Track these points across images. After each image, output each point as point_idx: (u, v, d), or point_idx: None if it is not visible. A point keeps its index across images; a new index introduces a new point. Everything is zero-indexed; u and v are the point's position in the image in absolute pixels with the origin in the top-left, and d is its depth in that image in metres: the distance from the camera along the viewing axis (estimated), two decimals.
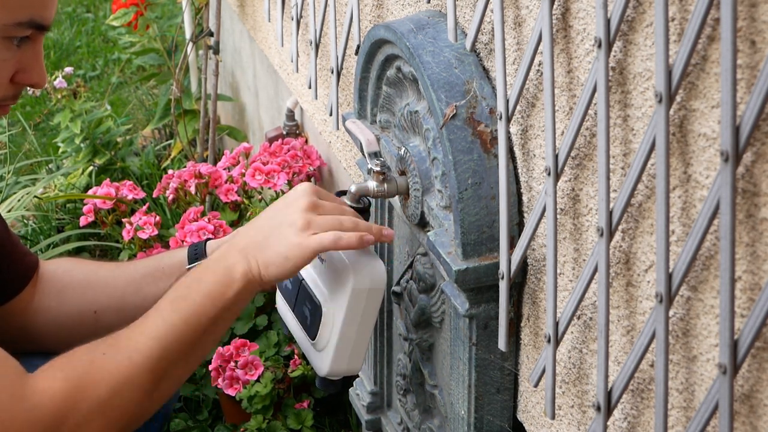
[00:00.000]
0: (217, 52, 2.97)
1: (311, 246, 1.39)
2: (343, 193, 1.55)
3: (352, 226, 1.42)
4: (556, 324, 1.33)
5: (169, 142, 3.56)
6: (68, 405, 1.29)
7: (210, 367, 2.23)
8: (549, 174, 1.28)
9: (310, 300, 1.51)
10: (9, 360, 1.31)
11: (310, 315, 1.52)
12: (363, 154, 1.66)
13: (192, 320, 1.36)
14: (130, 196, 2.66)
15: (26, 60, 1.34)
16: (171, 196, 2.56)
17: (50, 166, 3.58)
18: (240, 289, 1.39)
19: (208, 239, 1.61)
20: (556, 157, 1.28)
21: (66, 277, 1.62)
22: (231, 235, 1.53)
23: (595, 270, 1.23)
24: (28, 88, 1.37)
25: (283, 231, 1.40)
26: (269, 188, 2.46)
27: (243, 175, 2.49)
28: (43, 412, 1.28)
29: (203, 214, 2.44)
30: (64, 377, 1.31)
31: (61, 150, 3.43)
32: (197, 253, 1.57)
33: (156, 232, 2.48)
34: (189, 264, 1.56)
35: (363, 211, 1.53)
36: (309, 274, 1.54)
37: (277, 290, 1.64)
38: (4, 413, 1.26)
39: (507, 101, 1.37)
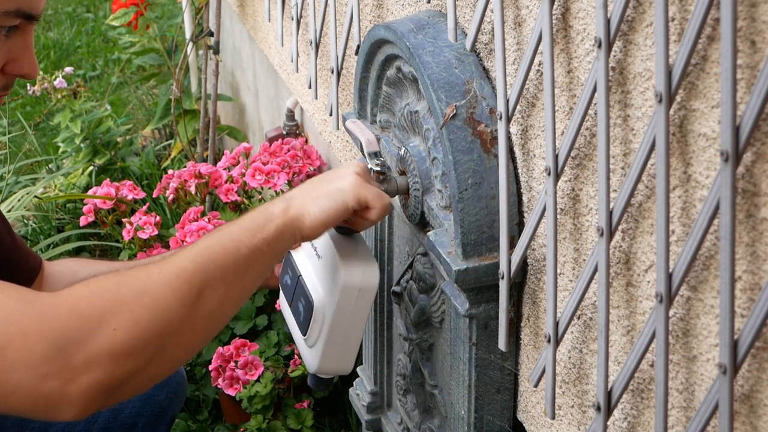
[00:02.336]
0: (217, 52, 2.97)
1: (355, 193, 1.40)
2: None
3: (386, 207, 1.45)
4: (556, 324, 1.33)
5: (169, 142, 3.56)
6: (90, 303, 1.19)
7: (210, 367, 2.23)
8: (549, 174, 1.28)
9: (304, 296, 1.52)
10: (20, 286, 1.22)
11: (304, 311, 1.52)
12: (363, 154, 1.66)
13: (229, 245, 1.32)
14: (130, 196, 2.66)
15: (16, 50, 1.34)
16: (171, 196, 2.56)
17: (50, 166, 3.58)
18: (280, 225, 1.36)
19: None
20: (556, 157, 1.28)
21: (72, 278, 1.63)
22: None
23: (595, 270, 1.23)
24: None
25: (332, 184, 1.42)
26: (269, 188, 2.46)
27: (243, 175, 2.49)
28: (59, 309, 1.18)
29: (203, 214, 2.44)
30: (85, 284, 1.22)
31: (61, 150, 3.44)
32: None
33: (156, 232, 2.48)
34: None
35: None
36: (306, 270, 1.54)
37: (280, 289, 1.64)
38: (13, 312, 1.15)
39: (507, 101, 1.37)
